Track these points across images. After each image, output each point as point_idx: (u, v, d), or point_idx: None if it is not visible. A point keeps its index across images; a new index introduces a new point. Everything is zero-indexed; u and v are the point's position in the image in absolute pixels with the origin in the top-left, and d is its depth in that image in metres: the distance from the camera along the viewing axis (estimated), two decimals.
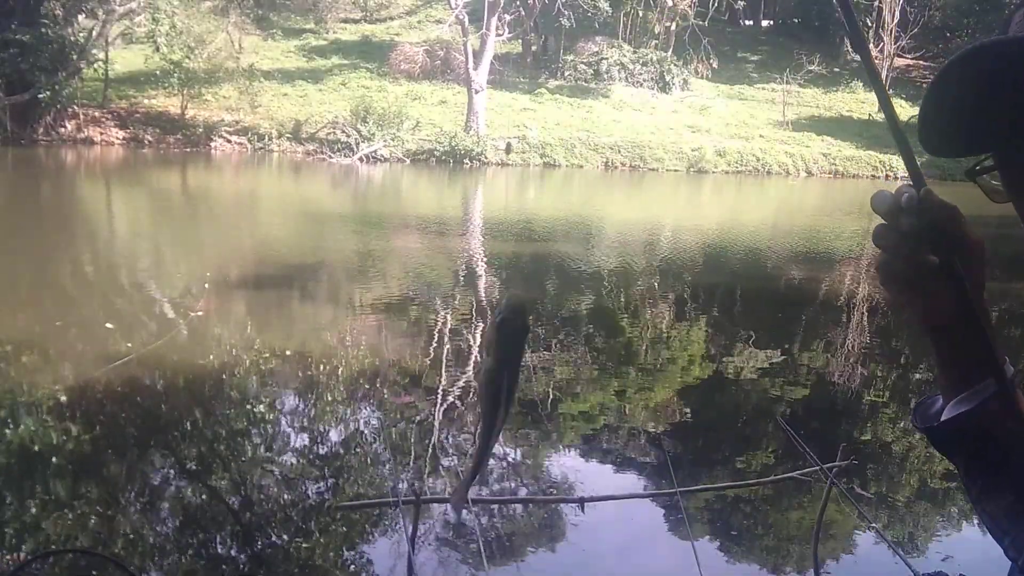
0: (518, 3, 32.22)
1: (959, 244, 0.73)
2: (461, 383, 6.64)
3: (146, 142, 25.03)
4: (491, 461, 5.46)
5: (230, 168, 23.58)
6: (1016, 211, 0.78)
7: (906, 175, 0.77)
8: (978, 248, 0.74)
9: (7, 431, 5.27)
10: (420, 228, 15.09)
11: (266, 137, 26.01)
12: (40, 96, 23.04)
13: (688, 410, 6.61)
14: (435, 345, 7.73)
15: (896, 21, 35.99)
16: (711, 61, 37.79)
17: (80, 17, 25.07)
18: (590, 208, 19.95)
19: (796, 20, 44.37)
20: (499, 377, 0.92)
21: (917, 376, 8.02)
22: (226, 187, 20.80)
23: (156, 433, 5.48)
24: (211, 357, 6.94)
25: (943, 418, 0.78)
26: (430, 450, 5.34)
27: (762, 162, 29.65)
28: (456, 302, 9.75)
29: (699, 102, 34.70)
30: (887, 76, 36.23)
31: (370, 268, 11.39)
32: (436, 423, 5.81)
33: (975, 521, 4.40)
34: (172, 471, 5.02)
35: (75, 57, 24.18)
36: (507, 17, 30.43)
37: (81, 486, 4.69)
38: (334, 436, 5.73)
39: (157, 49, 25.14)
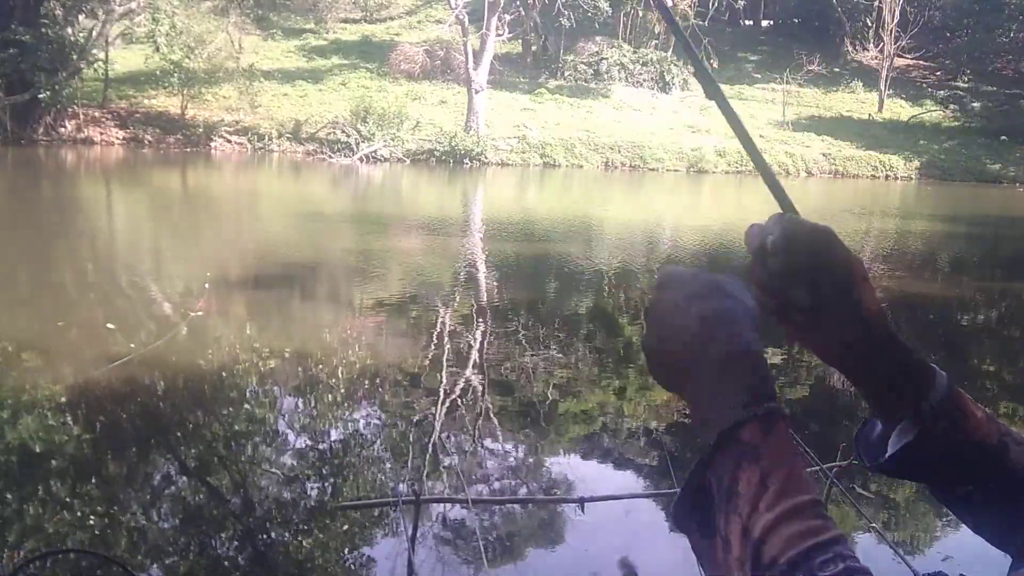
0: (518, 3, 32.22)
1: (830, 275, 0.69)
2: (461, 383, 6.65)
3: (146, 142, 25.02)
4: (492, 461, 5.47)
5: (230, 168, 23.58)
6: None
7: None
8: (853, 270, 0.70)
9: (6, 431, 5.27)
10: (420, 228, 15.09)
11: (266, 137, 26.01)
12: (40, 96, 23.03)
13: (688, 409, 6.60)
14: (435, 345, 7.72)
15: (896, 21, 35.98)
16: (711, 61, 37.76)
17: (80, 17, 25.07)
18: (590, 208, 19.95)
19: (796, 20, 44.38)
20: None
21: None
22: (226, 187, 20.80)
23: (156, 433, 5.48)
24: (211, 357, 6.94)
25: (888, 453, 0.73)
26: (430, 450, 5.34)
27: None
28: (456, 302, 9.75)
29: (699, 102, 34.67)
30: (887, 76, 36.27)
31: (370, 268, 11.39)
32: (436, 423, 5.81)
33: None
34: (172, 471, 5.02)
35: (75, 57, 24.18)
36: (507, 17, 30.42)
37: (80, 486, 4.69)
38: (334, 436, 5.73)
39: (157, 49, 25.14)
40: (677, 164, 28.76)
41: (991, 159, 32.37)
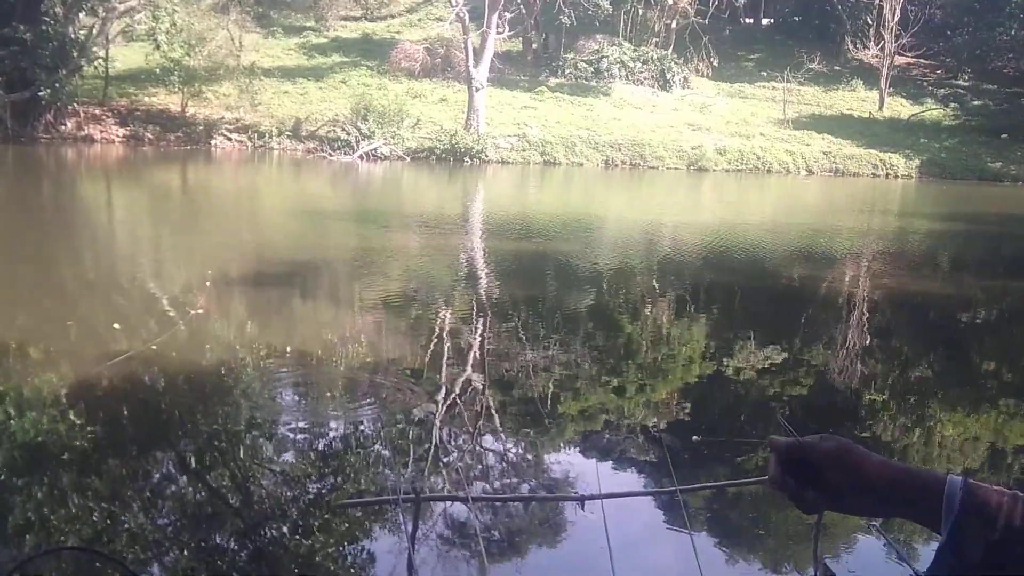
0: (519, 1, 32.21)
1: (810, 465, 0.94)
2: (461, 381, 6.65)
3: (146, 140, 25.03)
4: (492, 458, 5.47)
5: (230, 166, 23.57)
6: None
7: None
8: (831, 454, 0.93)
9: (5, 428, 5.27)
10: (420, 226, 15.09)
11: (266, 135, 26.01)
12: (41, 94, 23.03)
13: (688, 408, 6.61)
14: (436, 343, 7.72)
15: (897, 19, 35.97)
16: (712, 59, 37.78)
17: (81, 15, 25.06)
18: (590, 206, 19.95)
19: (796, 18, 44.35)
20: None
21: (917, 375, 8.02)
22: (227, 185, 20.80)
23: (155, 431, 5.48)
24: (210, 355, 6.94)
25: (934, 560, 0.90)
26: (430, 448, 5.34)
27: (763, 160, 29.63)
28: (456, 300, 9.75)
29: (699, 100, 34.69)
30: (888, 74, 36.25)
31: (370, 266, 11.39)
32: (436, 422, 5.81)
33: None
34: (171, 468, 5.02)
35: (76, 55, 24.17)
36: (508, 15, 30.42)
37: (79, 484, 4.69)
38: (334, 433, 5.73)
39: (157, 47, 25.14)
40: (677, 162, 28.75)
41: (992, 157, 32.34)
